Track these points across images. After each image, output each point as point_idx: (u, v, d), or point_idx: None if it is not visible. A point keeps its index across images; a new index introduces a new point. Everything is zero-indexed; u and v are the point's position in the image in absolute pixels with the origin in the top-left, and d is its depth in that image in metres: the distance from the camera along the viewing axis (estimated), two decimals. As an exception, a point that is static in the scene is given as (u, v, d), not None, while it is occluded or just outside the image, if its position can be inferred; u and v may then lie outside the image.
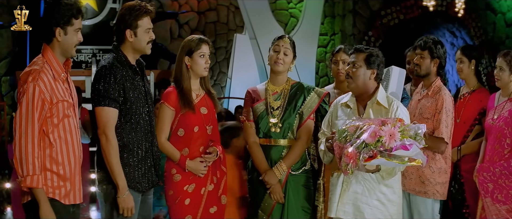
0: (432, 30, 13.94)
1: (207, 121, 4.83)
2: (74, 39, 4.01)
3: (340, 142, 4.04)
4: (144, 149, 4.45)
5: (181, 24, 14.49)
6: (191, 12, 14.57)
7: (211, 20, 14.67)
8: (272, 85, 4.99)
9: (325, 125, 4.67)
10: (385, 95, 4.53)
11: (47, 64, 3.95)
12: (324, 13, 14.47)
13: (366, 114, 4.46)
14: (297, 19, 14.12)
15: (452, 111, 5.12)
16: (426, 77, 5.28)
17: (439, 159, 5.10)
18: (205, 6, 14.66)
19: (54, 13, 3.95)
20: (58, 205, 3.98)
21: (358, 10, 14.48)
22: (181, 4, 14.51)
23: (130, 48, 4.44)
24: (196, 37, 4.85)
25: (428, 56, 5.23)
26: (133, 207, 4.35)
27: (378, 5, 14.33)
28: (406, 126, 3.95)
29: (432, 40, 5.26)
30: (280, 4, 14.58)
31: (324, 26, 14.73)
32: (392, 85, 5.10)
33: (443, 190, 5.12)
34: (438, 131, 5.02)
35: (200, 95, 4.86)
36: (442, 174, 5.10)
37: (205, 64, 4.78)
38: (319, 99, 4.92)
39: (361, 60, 4.48)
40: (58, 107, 3.93)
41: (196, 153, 4.77)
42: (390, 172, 4.31)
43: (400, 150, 3.84)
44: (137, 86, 4.44)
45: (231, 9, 14.68)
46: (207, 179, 4.80)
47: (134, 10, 4.40)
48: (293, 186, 4.86)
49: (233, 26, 14.67)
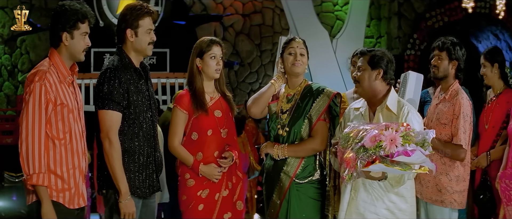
0: (477, 33, 13.73)
1: (222, 124, 4.75)
2: (81, 43, 4.08)
3: (343, 147, 3.89)
4: (146, 154, 4.40)
5: (226, 27, 14.46)
6: (235, 15, 14.52)
7: (256, 23, 14.61)
8: (288, 88, 4.85)
9: (338, 129, 4.55)
10: (396, 100, 4.36)
11: (53, 67, 4.04)
12: (370, 16, 14.30)
13: (375, 119, 4.30)
14: (343, 21, 13.94)
15: (470, 115, 4.91)
16: (443, 80, 5.08)
17: (457, 166, 4.90)
18: (250, 9, 14.60)
19: (61, 18, 4.03)
20: (63, 209, 4.03)
21: (403, 13, 14.23)
22: (226, 6, 14.48)
23: (132, 49, 4.41)
24: (208, 38, 4.79)
25: (446, 58, 5.03)
26: (134, 212, 4.32)
27: (423, 7, 14.08)
28: (410, 131, 3.75)
29: (451, 41, 5.06)
30: (326, 6, 14.44)
31: (370, 29, 14.54)
32: (409, 91, 4.94)
33: (461, 199, 4.91)
34: (456, 138, 4.83)
35: (214, 98, 4.79)
36: (460, 182, 4.90)
37: (216, 66, 4.70)
38: (328, 100, 4.70)
39: (365, 63, 4.37)
40: (63, 110, 3.99)
41: (210, 158, 4.70)
42: (399, 180, 4.14)
43: (402, 156, 3.66)
44: (141, 90, 4.40)
45: (276, 12, 14.57)
46: (221, 185, 4.72)
47: (135, 10, 4.39)
48: (296, 195, 4.67)
49: (278, 29, 14.56)
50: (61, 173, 3.98)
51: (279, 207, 4.69)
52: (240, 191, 4.85)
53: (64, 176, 3.99)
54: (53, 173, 3.96)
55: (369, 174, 3.90)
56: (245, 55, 14.44)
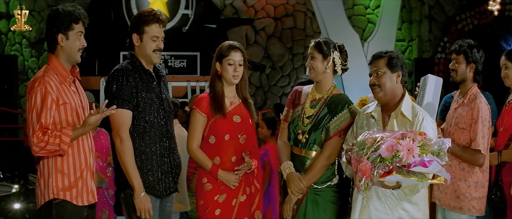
0: (506, 36, 13.50)
1: (240, 129, 4.67)
2: (76, 44, 4.17)
3: (358, 154, 3.77)
4: (158, 154, 4.42)
5: (257, 30, 14.46)
6: (267, 18, 14.52)
7: (287, 26, 14.58)
8: (314, 91, 4.70)
9: (349, 134, 4.43)
10: (411, 105, 4.23)
11: (52, 71, 4.13)
12: (401, 19, 14.20)
13: (390, 125, 4.18)
14: (374, 25, 13.86)
15: (488, 119, 4.77)
16: (462, 84, 4.94)
17: (476, 172, 4.76)
18: (281, 12, 14.57)
19: (55, 21, 4.15)
20: (70, 207, 4.10)
21: (434, 16, 14.10)
22: (257, 10, 14.48)
23: (139, 54, 4.46)
24: (228, 43, 4.73)
25: (463, 61, 4.89)
26: (150, 208, 4.33)
27: (453, 10, 13.92)
28: (427, 140, 3.64)
29: (468, 44, 4.91)
30: (358, 9, 14.35)
31: (402, 32, 14.42)
32: (428, 95, 4.83)
33: (479, 206, 4.77)
34: (475, 143, 4.69)
35: (234, 103, 4.73)
36: (479, 188, 4.76)
37: (233, 72, 4.63)
38: (351, 120, 4.53)
39: (384, 66, 4.22)
40: (66, 108, 4.08)
41: (227, 163, 4.65)
42: (413, 189, 4.01)
43: (419, 167, 3.56)
44: (153, 90, 4.43)
45: (308, 15, 14.52)
46: (239, 190, 4.67)
47: (144, 16, 4.45)
48: (313, 200, 4.56)
49: (310, 32, 14.50)
50: (67, 171, 4.07)
51: (295, 212, 4.60)
52: (258, 201, 4.80)
53: (70, 173, 4.08)
54: (60, 172, 4.06)
55: (383, 183, 3.81)
56: (276, 59, 14.42)
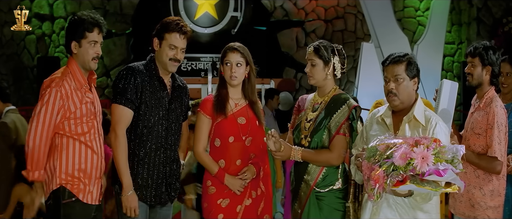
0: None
1: (245, 131, 4.60)
2: (89, 52, 4.21)
3: (369, 161, 3.61)
4: (152, 162, 4.44)
5: (308, 33, 14.45)
6: (317, 21, 14.51)
7: (338, 29, 14.54)
8: (317, 96, 4.62)
9: (359, 138, 4.30)
10: (423, 110, 4.05)
11: (71, 75, 4.20)
12: (451, 21, 13.98)
13: (401, 130, 4.00)
14: (425, 27, 13.67)
15: (505, 124, 4.61)
16: (479, 88, 4.80)
17: (492, 179, 4.62)
18: (332, 14, 14.55)
19: (70, 28, 4.24)
20: (79, 206, 4.21)
21: (481, 18, 13.83)
22: (308, 12, 14.48)
23: (157, 58, 4.49)
24: (229, 44, 4.67)
25: (479, 64, 4.74)
26: (136, 207, 4.37)
27: (501, 12, 13.64)
28: (441, 147, 3.50)
29: (483, 46, 4.75)
30: (408, 12, 14.22)
31: (452, 35, 14.21)
32: (443, 101, 4.70)
33: (495, 215, 4.62)
34: (491, 149, 4.54)
35: (240, 104, 4.67)
36: (495, 197, 4.62)
37: (230, 72, 4.55)
38: (348, 113, 4.43)
39: (403, 71, 3.99)
40: (76, 114, 4.17)
41: (232, 166, 4.60)
42: (425, 197, 3.84)
43: (433, 175, 3.42)
44: (159, 98, 4.45)
45: (358, 17, 14.47)
46: (244, 195, 4.63)
47: (168, 22, 4.45)
48: (315, 204, 4.47)
49: (360, 35, 14.45)
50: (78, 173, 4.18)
51: (299, 216, 4.53)
52: (266, 204, 4.75)
53: (80, 174, 4.19)
54: (70, 174, 4.18)
55: (395, 191, 3.67)
56: (327, 61, 14.33)
